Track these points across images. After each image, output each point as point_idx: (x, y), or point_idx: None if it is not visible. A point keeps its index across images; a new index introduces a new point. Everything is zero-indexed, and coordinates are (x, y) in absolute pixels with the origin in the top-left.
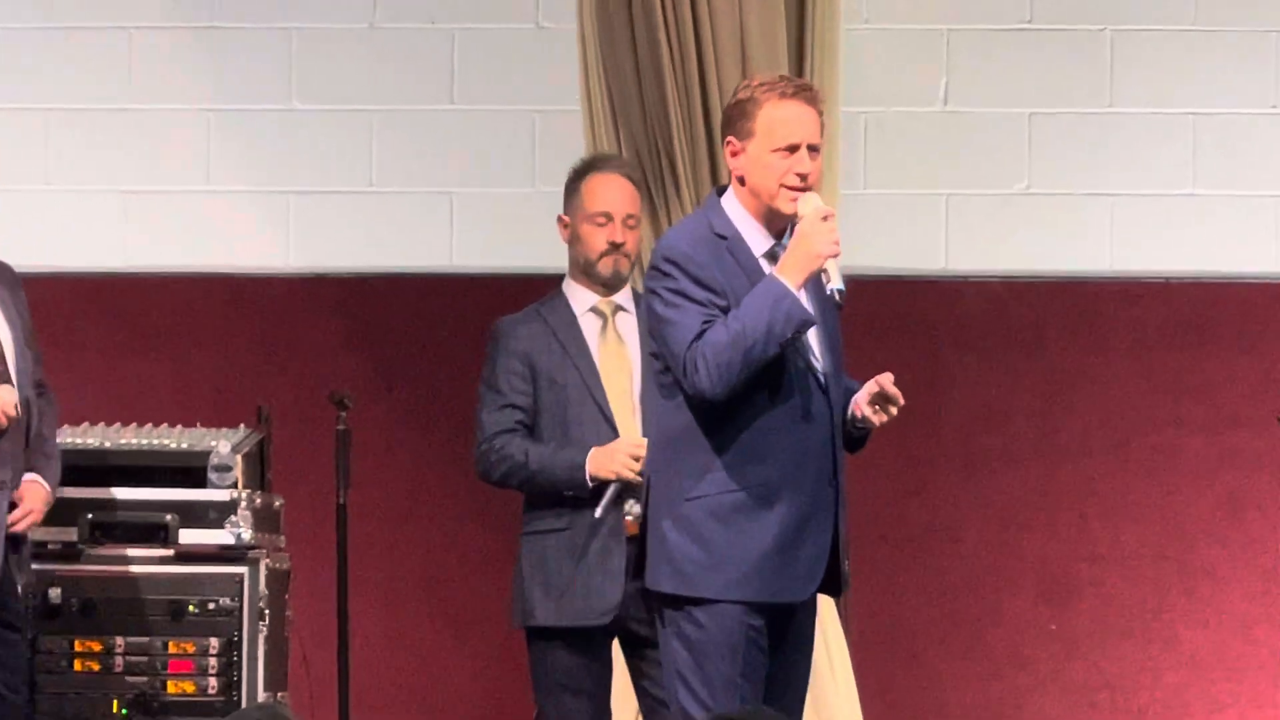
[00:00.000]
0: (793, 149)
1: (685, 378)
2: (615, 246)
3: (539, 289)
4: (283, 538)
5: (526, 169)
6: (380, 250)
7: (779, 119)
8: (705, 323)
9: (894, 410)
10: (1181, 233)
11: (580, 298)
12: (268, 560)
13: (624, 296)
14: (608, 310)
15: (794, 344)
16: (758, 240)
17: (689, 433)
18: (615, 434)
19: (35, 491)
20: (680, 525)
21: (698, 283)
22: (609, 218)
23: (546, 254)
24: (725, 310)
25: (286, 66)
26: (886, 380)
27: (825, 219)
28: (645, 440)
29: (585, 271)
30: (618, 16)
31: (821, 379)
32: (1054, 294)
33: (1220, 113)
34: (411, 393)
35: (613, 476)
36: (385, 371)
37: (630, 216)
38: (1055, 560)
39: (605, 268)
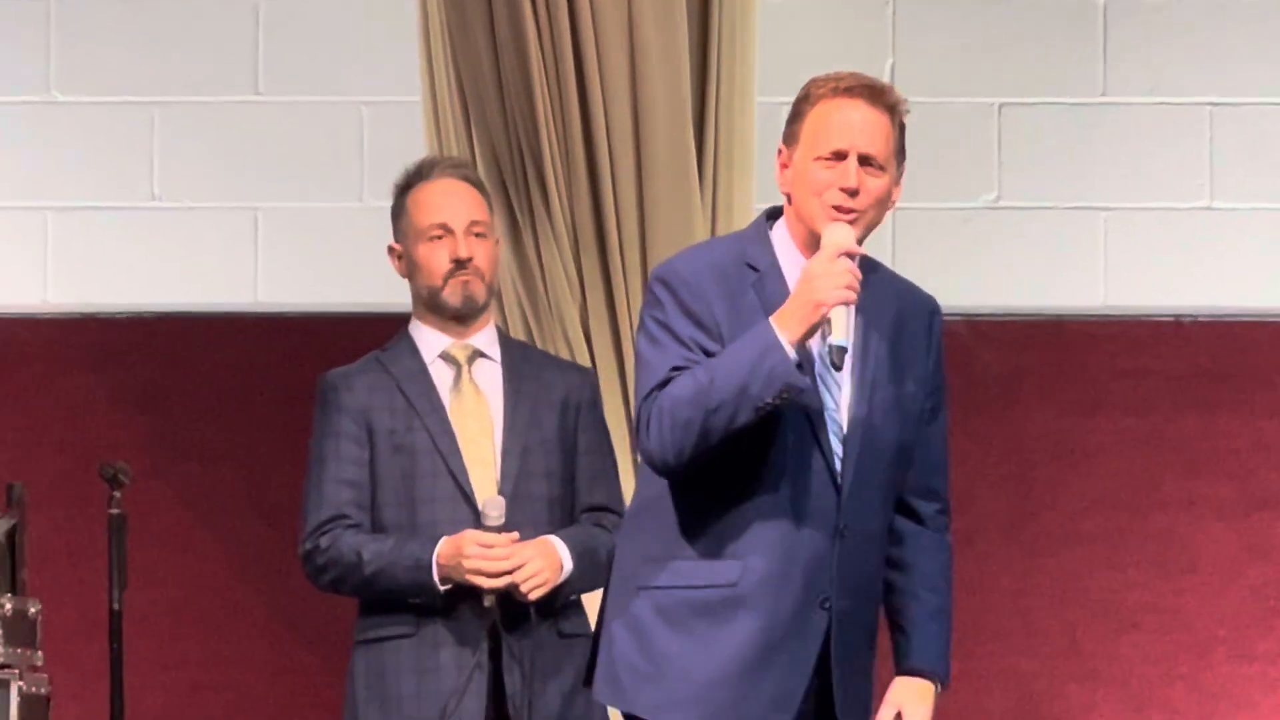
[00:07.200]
0: (838, 156)
1: (637, 436)
2: (460, 264)
3: (372, 334)
4: (40, 654)
5: (352, 177)
6: (164, 283)
7: (827, 119)
8: (676, 369)
9: None
10: (1195, 257)
11: (429, 341)
12: (20, 683)
13: (485, 338)
14: (461, 356)
15: (800, 416)
16: None
17: (658, 504)
18: (476, 516)
19: None
20: (627, 620)
21: (687, 315)
22: (447, 229)
23: (380, 288)
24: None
25: (44, 46)
26: None
27: (844, 255)
28: (500, 534)
29: (430, 306)
30: None
31: (838, 472)
32: (1030, 337)
33: (1245, 103)
34: (205, 465)
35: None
36: (171, 438)
37: (475, 223)
38: (1035, 680)
39: (453, 294)
